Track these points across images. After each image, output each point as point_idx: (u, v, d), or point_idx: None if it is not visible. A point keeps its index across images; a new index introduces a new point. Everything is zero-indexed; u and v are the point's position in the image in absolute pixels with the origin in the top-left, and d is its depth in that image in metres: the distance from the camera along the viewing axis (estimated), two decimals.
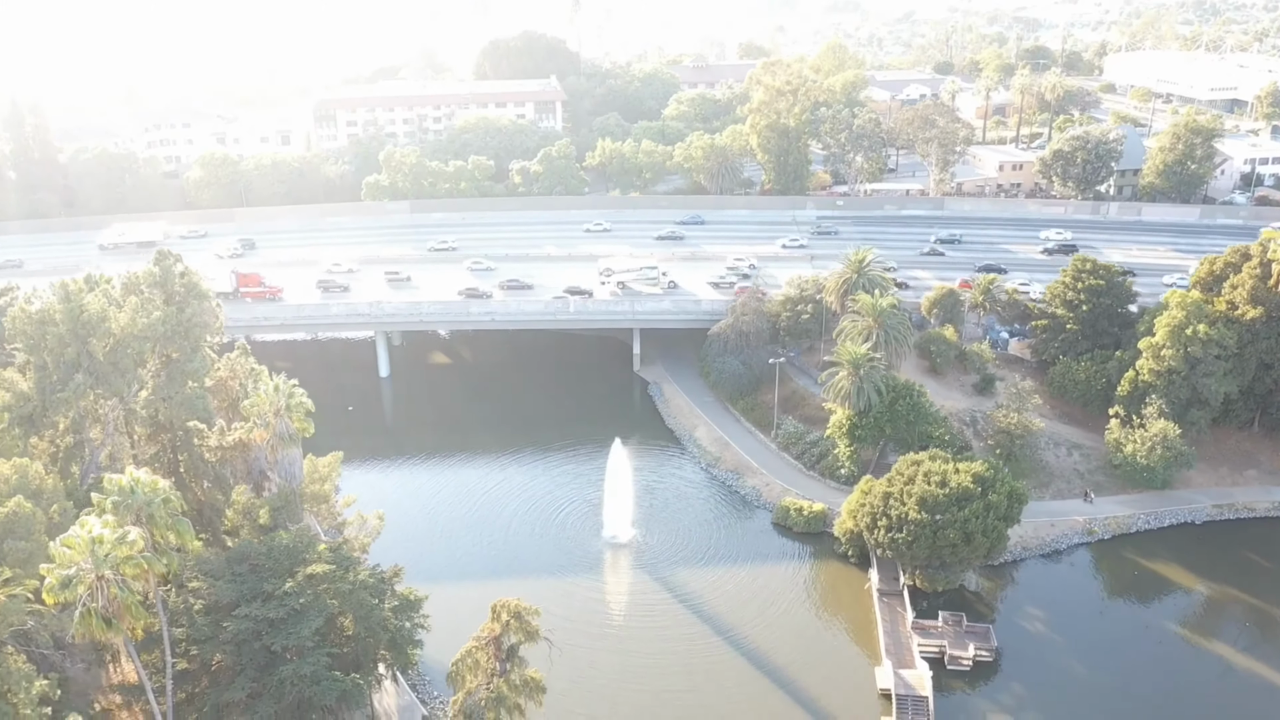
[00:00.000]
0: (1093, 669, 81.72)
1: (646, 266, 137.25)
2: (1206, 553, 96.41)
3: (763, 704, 77.33)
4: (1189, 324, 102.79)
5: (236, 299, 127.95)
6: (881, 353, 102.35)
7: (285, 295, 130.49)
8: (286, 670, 56.07)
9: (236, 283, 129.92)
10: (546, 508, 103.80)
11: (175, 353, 68.63)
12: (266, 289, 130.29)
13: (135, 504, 49.48)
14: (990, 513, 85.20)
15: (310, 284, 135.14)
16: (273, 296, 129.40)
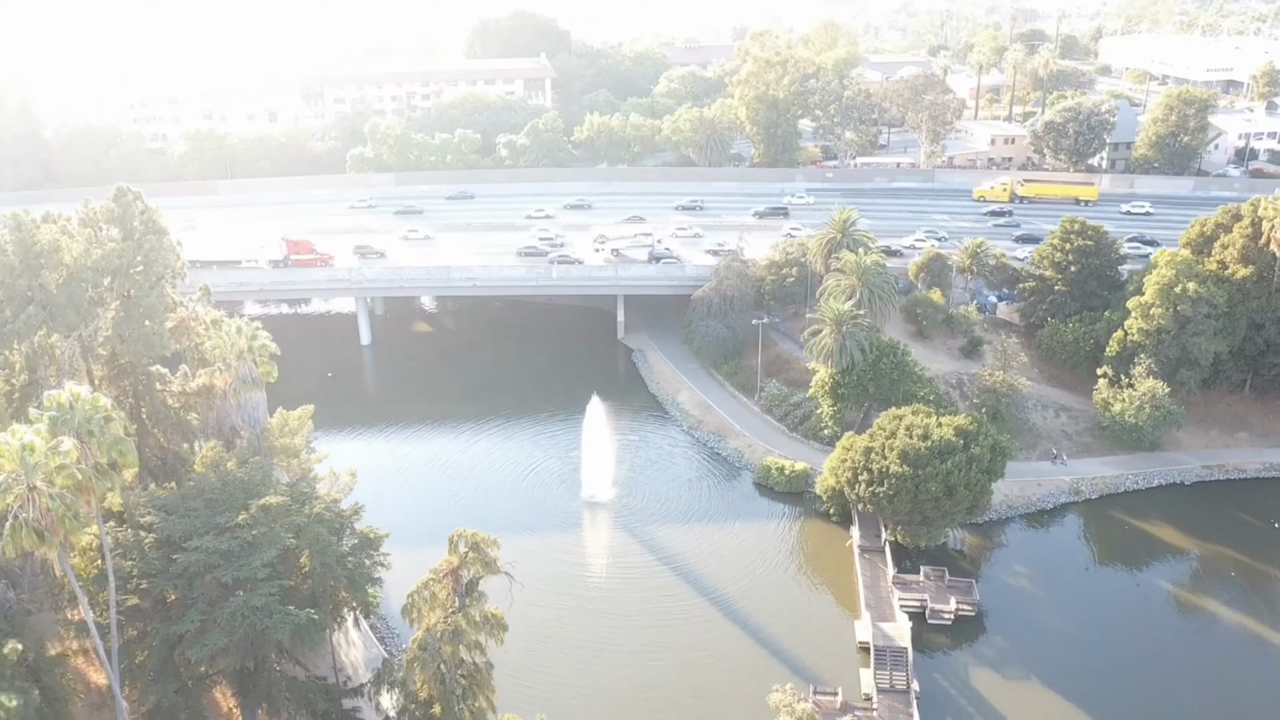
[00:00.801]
0: (1077, 624, 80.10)
1: (641, 234, 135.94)
2: (1196, 512, 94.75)
3: (739, 659, 75.55)
4: (1178, 282, 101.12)
5: (287, 266, 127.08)
6: (865, 310, 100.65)
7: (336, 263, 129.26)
8: (237, 602, 54.35)
9: (287, 250, 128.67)
10: (524, 470, 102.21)
11: (133, 290, 66.89)
12: (317, 256, 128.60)
13: (74, 421, 47.78)
14: (973, 465, 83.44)
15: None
16: (324, 263, 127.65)
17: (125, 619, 58.25)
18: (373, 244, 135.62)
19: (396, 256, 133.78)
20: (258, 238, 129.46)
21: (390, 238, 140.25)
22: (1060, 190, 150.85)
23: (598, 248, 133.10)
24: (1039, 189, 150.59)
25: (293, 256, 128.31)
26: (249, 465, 63.22)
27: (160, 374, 73.64)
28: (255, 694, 59.09)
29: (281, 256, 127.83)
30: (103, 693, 64.58)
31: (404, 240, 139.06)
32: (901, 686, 71.73)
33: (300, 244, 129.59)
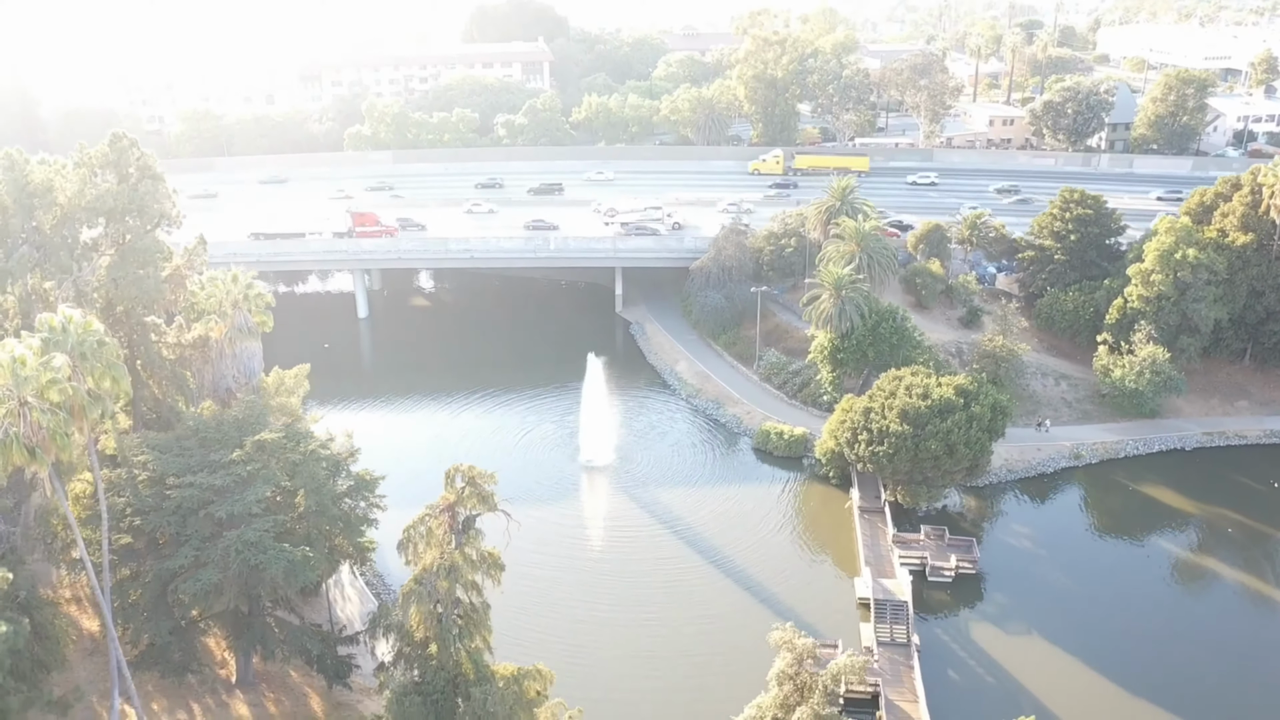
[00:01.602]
0: (1078, 581, 79.63)
1: (651, 207, 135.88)
2: (1196, 476, 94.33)
3: (738, 617, 74.73)
4: (1178, 249, 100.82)
5: (352, 238, 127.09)
6: (865, 275, 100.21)
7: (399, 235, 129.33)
8: (230, 537, 53.67)
9: (353, 222, 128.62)
10: (522, 437, 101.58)
11: (128, 235, 66.24)
12: (383, 228, 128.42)
13: (67, 343, 47.14)
14: (973, 424, 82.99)
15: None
16: (389, 235, 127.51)
17: (118, 558, 57.60)
18: (413, 216, 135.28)
19: (443, 230, 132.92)
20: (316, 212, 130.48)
21: (425, 213, 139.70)
22: (832, 162, 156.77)
23: (607, 221, 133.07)
24: (812, 161, 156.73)
25: (358, 229, 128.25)
26: (244, 404, 62.60)
27: (155, 324, 72.89)
28: (249, 636, 58.52)
29: (347, 229, 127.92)
30: (96, 639, 64.07)
31: (467, 214, 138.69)
32: (902, 640, 71.22)
33: (366, 216, 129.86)
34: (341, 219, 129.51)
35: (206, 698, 61.17)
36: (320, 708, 63.11)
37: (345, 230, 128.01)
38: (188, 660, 58.27)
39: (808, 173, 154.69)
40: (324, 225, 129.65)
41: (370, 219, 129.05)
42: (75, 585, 68.99)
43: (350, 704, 64.14)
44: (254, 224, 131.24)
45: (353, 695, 64.86)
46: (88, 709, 57.29)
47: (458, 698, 54.48)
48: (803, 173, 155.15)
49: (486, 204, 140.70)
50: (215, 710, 60.28)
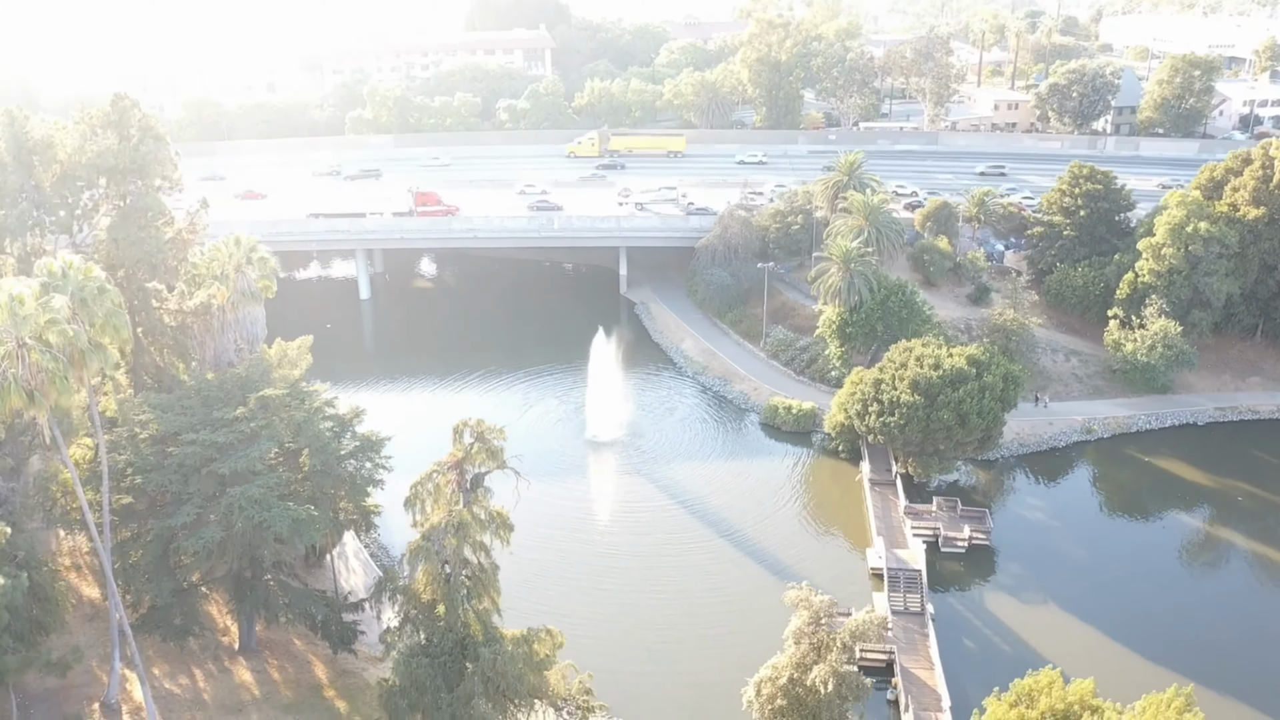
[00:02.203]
0: (1092, 551, 78.64)
1: (666, 187, 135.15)
2: (1209, 450, 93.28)
3: (748, 588, 73.55)
4: (1189, 222, 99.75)
5: (413, 217, 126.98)
6: (873, 248, 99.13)
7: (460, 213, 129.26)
8: (234, 493, 52.53)
9: (414, 202, 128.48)
10: (526, 415, 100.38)
11: (129, 194, 65.16)
12: (444, 208, 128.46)
13: (67, 289, 46.00)
14: (985, 394, 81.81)
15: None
16: (449, 214, 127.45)
17: (119, 519, 56.55)
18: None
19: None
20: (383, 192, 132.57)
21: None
22: (649, 143, 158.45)
23: (621, 201, 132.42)
24: (629, 143, 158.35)
25: (419, 208, 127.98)
26: (248, 362, 61.49)
27: (156, 290, 71.80)
28: (251, 599, 57.34)
29: (408, 209, 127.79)
30: (96, 605, 63.03)
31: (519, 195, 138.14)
32: (916, 609, 70.06)
33: (427, 195, 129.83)
34: (403, 198, 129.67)
35: (208, 663, 60.09)
36: (325, 675, 61.97)
37: (407, 210, 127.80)
38: (189, 624, 57.19)
39: (624, 154, 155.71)
40: (385, 205, 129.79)
41: (432, 199, 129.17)
42: (75, 553, 68.05)
43: (355, 671, 63.01)
44: (318, 206, 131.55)
45: (358, 663, 63.75)
46: (87, 672, 56.27)
47: (465, 660, 53.39)
48: (619, 154, 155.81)
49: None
50: (217, 676, 59.16)
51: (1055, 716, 40.30)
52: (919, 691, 62.90)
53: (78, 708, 53.08)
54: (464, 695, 52.31)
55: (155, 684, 56.07)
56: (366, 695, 59.42)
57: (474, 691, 51.86)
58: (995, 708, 42.24)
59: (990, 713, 42.22)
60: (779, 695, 52.20)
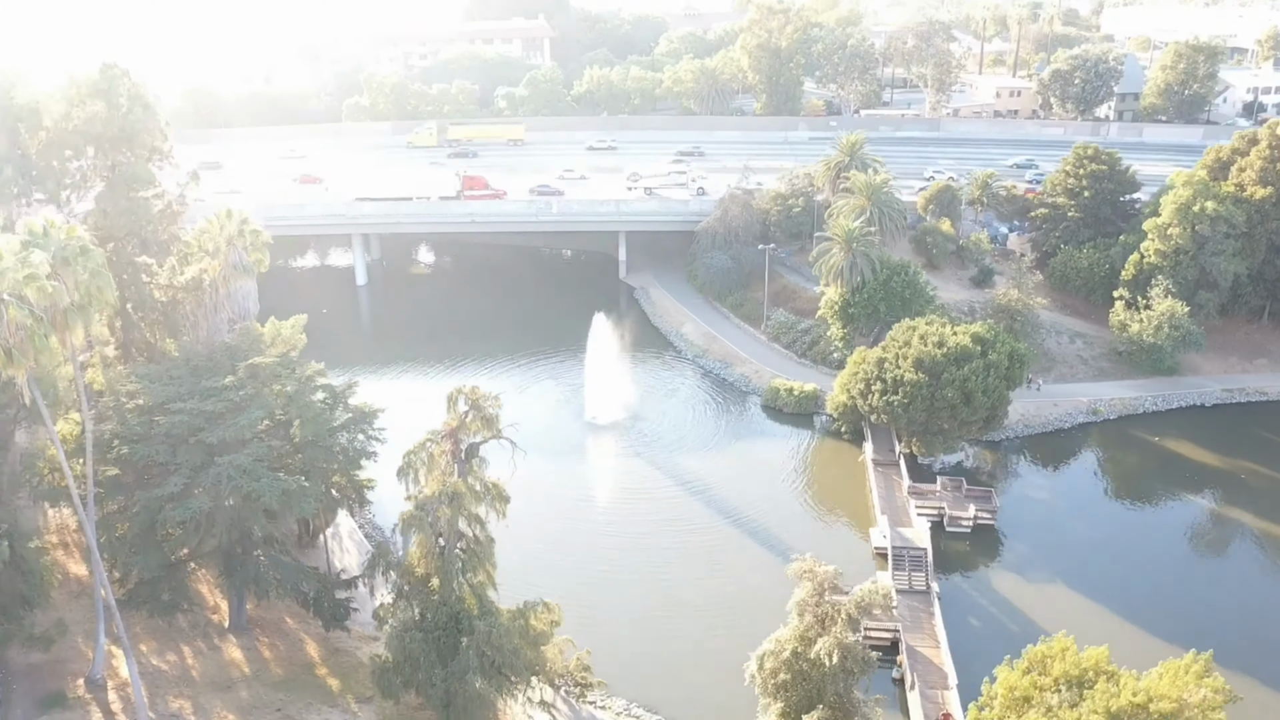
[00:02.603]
0: (1099, 530, 77.39)
1: (675, 171, 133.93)
2: (1216, 431, 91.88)
3: (749, 569, 72.12)
4: (1196, 201, 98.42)
5: (460, 201, 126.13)
6: (875, 228, 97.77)
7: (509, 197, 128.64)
8: (222, 462, 51.16)
9: (462, 185, 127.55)
10: (525, 398, 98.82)
11: (118, 163, 63.72)
12: (492, 191, 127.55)
13: (49, 248, 44.65)
14: (990, 371, 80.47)
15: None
16: (497, 198, 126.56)
17: (104, 492, 55.17)
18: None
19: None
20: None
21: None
22: (488, 132, 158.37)
23: (630, 186, 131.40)
24: (468, 132, 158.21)
25: (466, 192, 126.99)
26: (239, 330, 60.14)
27: (146, 265, 70.38)
28: (241, 574, 55.86)
29: (455, 192, 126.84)
30: (83, 582, 61.62)
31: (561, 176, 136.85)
32: (921, 587, 68.72)
33: (475, 179, 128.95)
34: (450, 182, 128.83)
35: (197, 641, 58.75)
36: (317, 653, 60.62)
37: (454, 194, 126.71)
38: (178, 599, 55.80)
39: (462, 142, 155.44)
40: (431, 189, 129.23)
41: (480, 182, 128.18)
42: (63, 530, 66.71)
43: (348, 650, 61.64)
44: (367, 190, 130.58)
45: (351, 641, 62.39)
46: (73, 649, 54.94)
47: (460, 634, 52.01)
48: (458, 143, 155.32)
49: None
50: (206, 653, 57.79)
51: (1069, 682, 38.96)
52: (925, 669, 61.54)
53: (61, 683, 51.72)
54: (458, 670, 50.99)
55: (142, 661, 54.72)
56: (360, 673, 58.08)
57: (468, 666, 50.56)
58: (1007, 675, 40.90)
59: (1002, 680, 40.88)
60: (782, 669, 50.79)
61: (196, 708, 52.24)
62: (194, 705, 52.38)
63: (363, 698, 56.33)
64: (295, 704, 54.46)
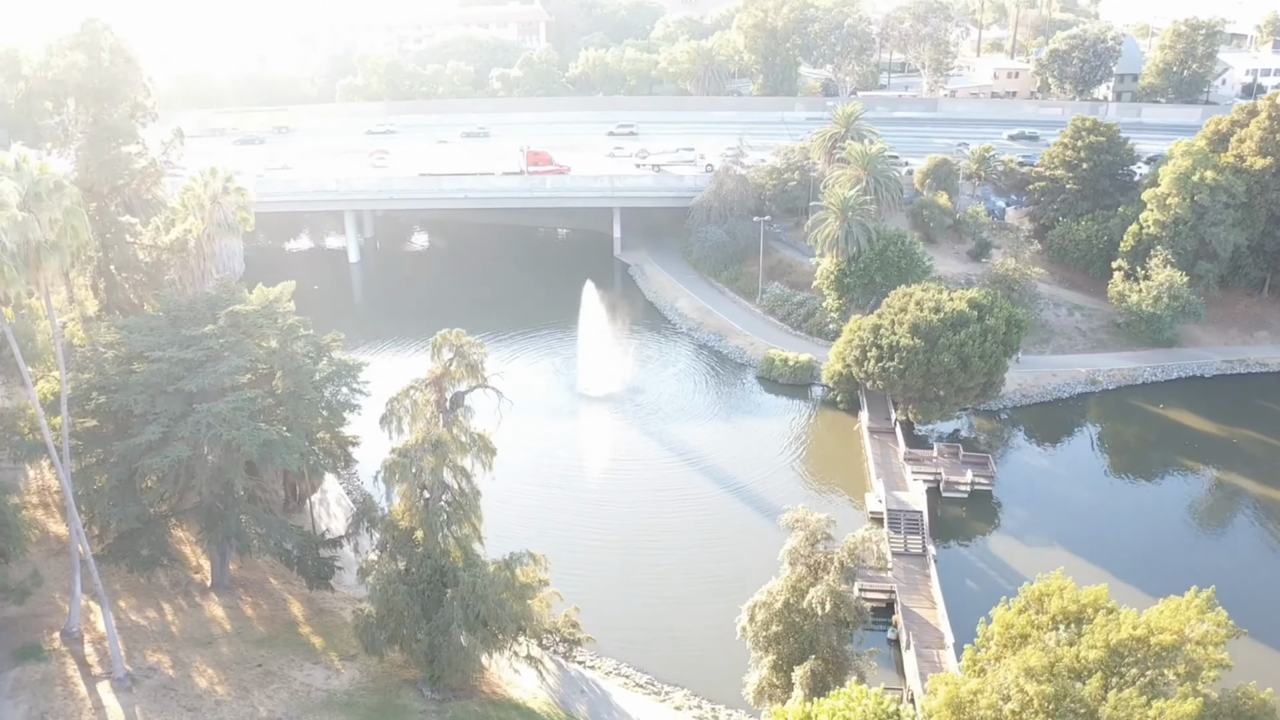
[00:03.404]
0: (1097, 495, 76.70)
1: (683, 149, 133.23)
2: (1215, 401, 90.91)
3: (743, 535, 71.01)
4: (1195, 171, 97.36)
5: (524, 176, 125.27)
6: (871, 197, 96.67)
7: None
8: (202, 409, 50.00)
9: (526, 161, 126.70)
10: (517, 371, 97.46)
11: (100, 115, 62.52)
12: (556, 167, 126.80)
13: (21, 183, 43.53)
14: (988, 336, 79.33)
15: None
16: (561, 174, 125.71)
17: (83, 444, 54.07)
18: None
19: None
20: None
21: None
22: (254, 122, 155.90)
23: (639, 163, 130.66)
24: (233, 120, 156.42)
25: (531, 168, 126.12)
26: (219, 281, 59.01)
27: (130, 225, 69.29)
28: (222, 529, 54.67)
29: (519, 168, 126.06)
30: (63, 541, 60.37)
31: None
32: (917, 550, 67.67)
33: (539, 155, 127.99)
34: (516, 158, 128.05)
35: (178, 599, 57.54)
36: (301, 612, 59.47)
37: (518, 170, 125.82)
38: (157, 555, 54.70)
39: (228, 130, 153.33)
40: (496, 165, 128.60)
41: (544, 158, 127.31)
42: (44, 491, 65.50)
43: (333, 610, 60.50)
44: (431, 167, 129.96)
45: (335, 601, 61.28)
46: (49, 603, 53.80)
47: (445, 587, 50.93)
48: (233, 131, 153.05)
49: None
50: (187, 610, 56.62)
51: (1068, 619, 37.88)
52: (921, 630, 60.49)
53: (37, 636, 50.56)
54: (442, 622, 49.94)
55: (121, 616, 53.54)
56: (344, 633, 56.93)
57: (452, 617, 49.48)
58: (1003, 614, 39.84)
59: (998, 619, 39.82)
60: (774, 621, 49.73)
61: (175, 662, 51.10)
62: (173, 659, 51.24)
63: (347, 655, 55.20)
64: (277, 660, 53.32)
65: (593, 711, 54.77)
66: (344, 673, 54.00)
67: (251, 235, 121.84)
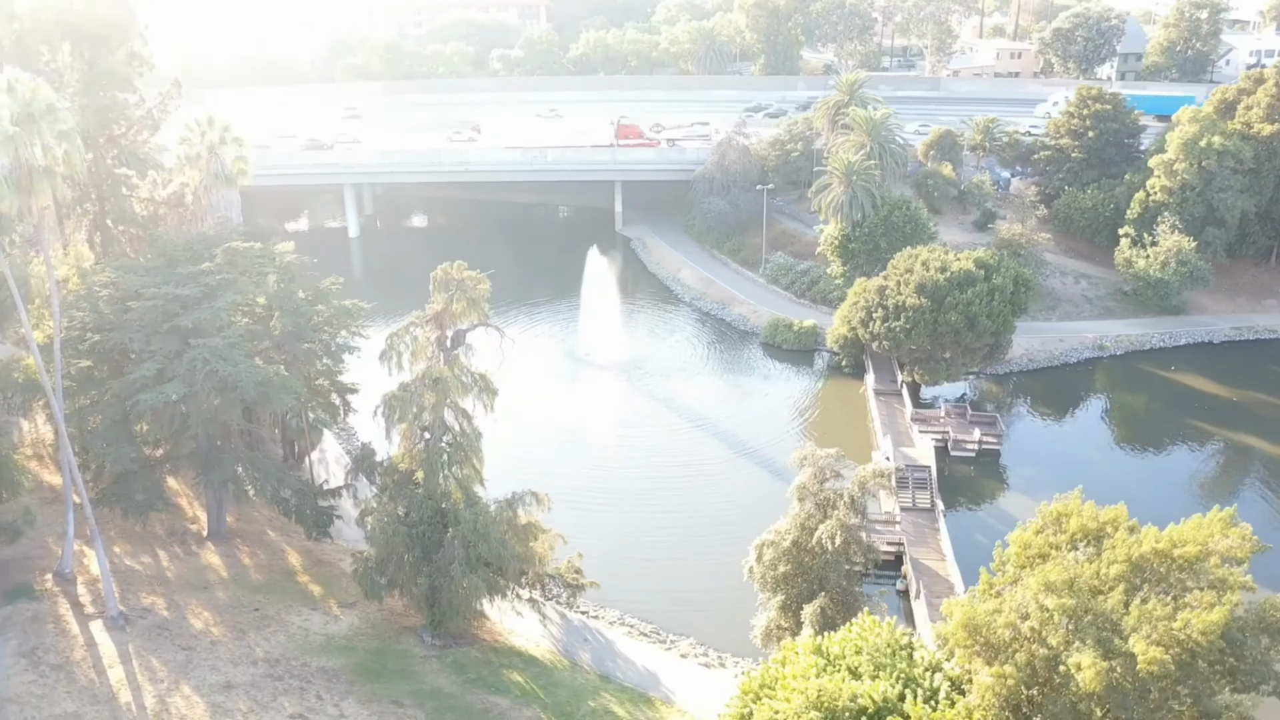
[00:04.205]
0: (1108, 455, 75.77)
1: (699, 123, 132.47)
2: (1225, 366, 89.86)
3: (744, 496, 69.73)
4: (1203, 137, 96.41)
5: (614, 149, 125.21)
6: (875, 161, 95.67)
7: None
8: (197, 344, 48.92)
9: (618, 134, 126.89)
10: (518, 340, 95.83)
11: (96, 58, 61.54)
12: (647, 140, 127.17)
13: (13, 104, 42.51)
14: (994, 295, 78.33)
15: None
16: (652, 147, 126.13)
17: (77, 386, 53.06)
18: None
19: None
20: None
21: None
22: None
23: (653, 136, 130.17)
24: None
25: (621, 140, 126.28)
26: (216, 220, 58.00)
27: (126, 177, 68.24)
28: (218, 472, 53.58)
29: (609, 141, 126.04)
30: (56, 490, 59.29)
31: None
32: (925, 505, 66.65)
33: (630, 128, 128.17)
34: (606, 130, 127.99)
35: (174, 546, 56.53)
36: (299, 562, 58.43)
37: (608, 143, 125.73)
38: (153, 499, 53.56)
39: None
40: (585, 138, 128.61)
41: (635, 131, 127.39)
42: (38, 444, 64.51)
43: (332, 561, 59.42)
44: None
45: (335, 553, 60.20)
46: (42, 546, 52.74)
47: (446, 528, 49.86)
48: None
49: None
50: (183, 558, 55.58)
51: (1087, 536, 36.86)
52: (930, 580, 59.45)
53: (29, 577, 49.51)
54: (443, 563, 48.88)
55: (115, 561, 52.51)
56: (343, 582, 55.90)
57: (453, 556, 48.40)
58: (1020, 534, 38.82)
59: (1015, 539, 38.82)
60: (781, 560, 48.68)
61: (170, 604, 50.06)
62: (168, 602, 50.20)
63: (346, 603, 54.18)
64: (274, 605, 52.30)
65: (596, 659, 53.67)
66: (343, 619, 52.99)
67: (250, 215, 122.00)
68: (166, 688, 43.50)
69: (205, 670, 45.20)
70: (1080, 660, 32.28)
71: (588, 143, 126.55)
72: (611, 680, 51.93)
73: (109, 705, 41.73)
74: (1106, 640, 32.76)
